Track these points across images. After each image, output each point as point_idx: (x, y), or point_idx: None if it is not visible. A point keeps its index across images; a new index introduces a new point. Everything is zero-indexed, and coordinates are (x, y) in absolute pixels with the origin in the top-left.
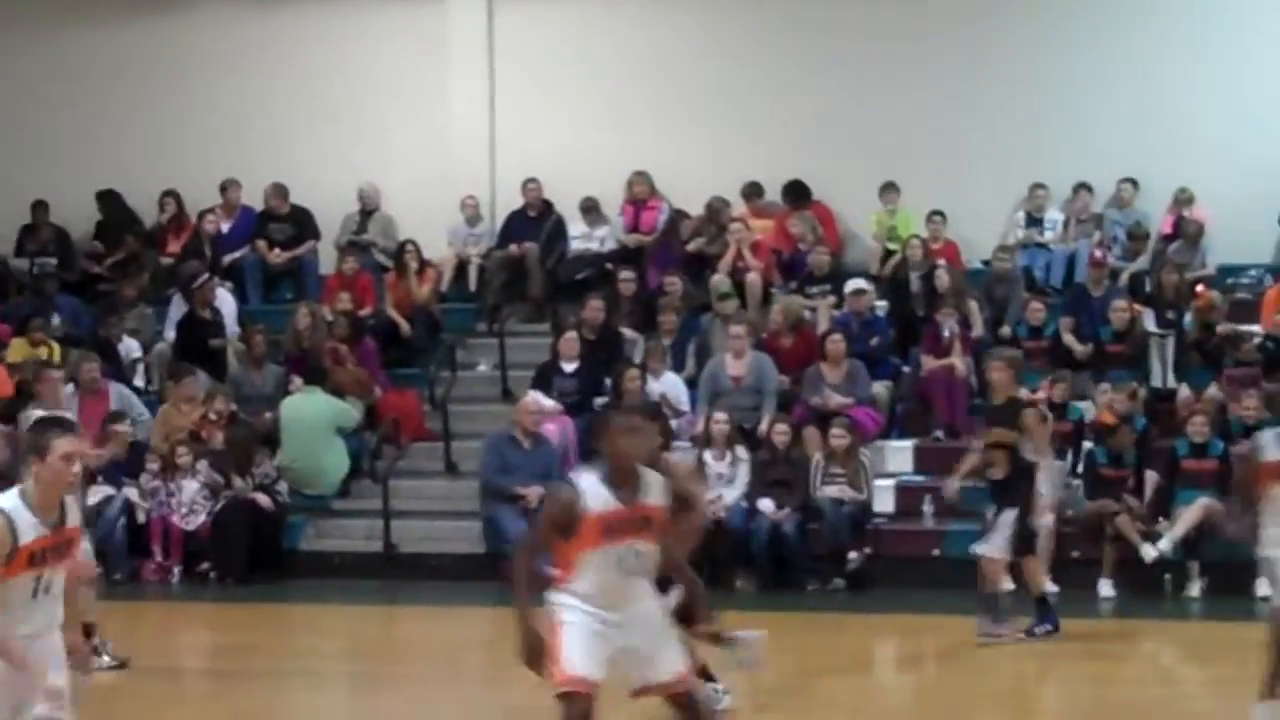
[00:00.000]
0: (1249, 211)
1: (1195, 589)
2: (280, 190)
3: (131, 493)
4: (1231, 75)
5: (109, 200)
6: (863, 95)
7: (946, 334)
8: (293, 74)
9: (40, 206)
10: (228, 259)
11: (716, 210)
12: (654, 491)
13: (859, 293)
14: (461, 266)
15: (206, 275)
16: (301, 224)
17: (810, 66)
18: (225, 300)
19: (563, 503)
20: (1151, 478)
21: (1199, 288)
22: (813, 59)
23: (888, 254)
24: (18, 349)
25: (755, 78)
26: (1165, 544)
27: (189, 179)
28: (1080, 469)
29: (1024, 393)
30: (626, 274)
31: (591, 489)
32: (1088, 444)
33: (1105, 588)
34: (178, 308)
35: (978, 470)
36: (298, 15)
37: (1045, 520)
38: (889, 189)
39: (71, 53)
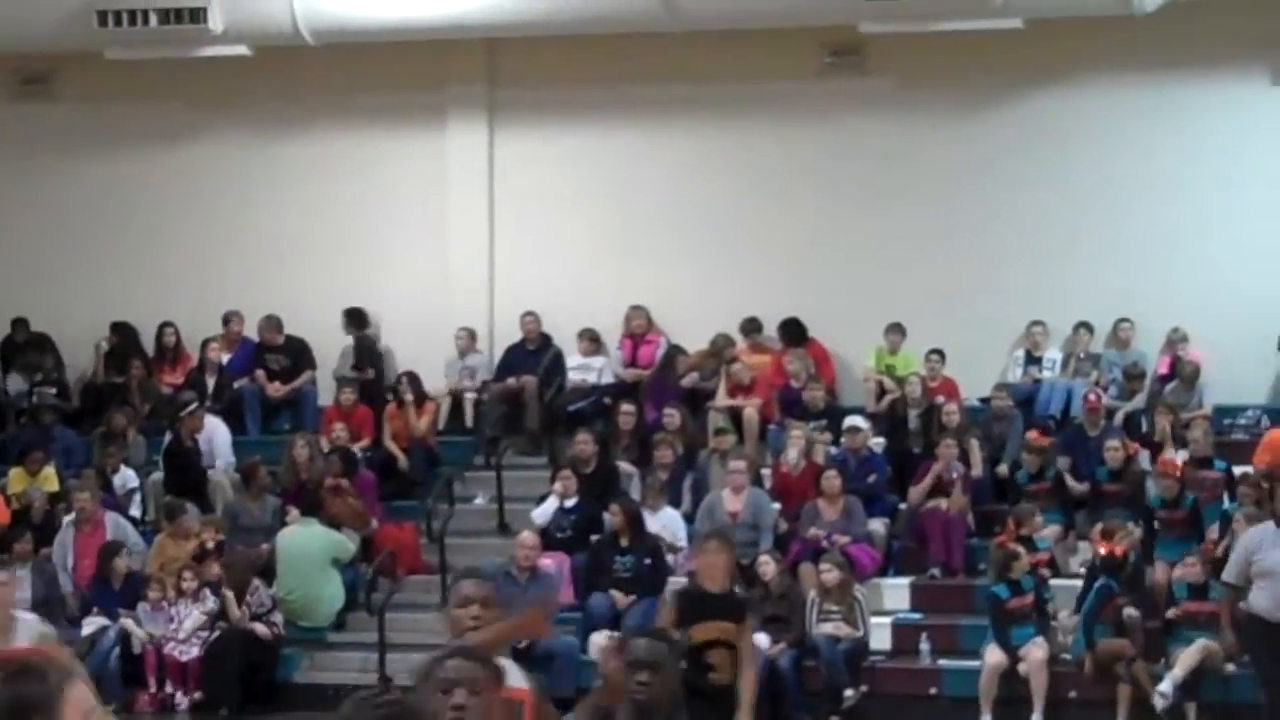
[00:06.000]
0: (1244, 351)
1: None
2: (274, 322)
3: (128, 623)
4: (1216, 211)
5: (122, 331)
6: (861, 233)
7: (954, 474)
8: (294, 206)
9: (20, 324)
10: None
11: (720, 347)
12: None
13: (855, 430)
14: (457, 400)
15: (194, 405)
16: (297, 355)
17: (808, 205)
18: (219, 430)
19: None
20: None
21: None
22: (810, 197)
23: (883, 390)
24: (17, 479)
25: (754, 215)
26: (1166, 686)
27: (189, 310)
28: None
29: None
30: (626, 408)
31: None
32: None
33: None
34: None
35: None
36: (300, 148)
37: None
38: (895, 330)
39: (72, 183)
